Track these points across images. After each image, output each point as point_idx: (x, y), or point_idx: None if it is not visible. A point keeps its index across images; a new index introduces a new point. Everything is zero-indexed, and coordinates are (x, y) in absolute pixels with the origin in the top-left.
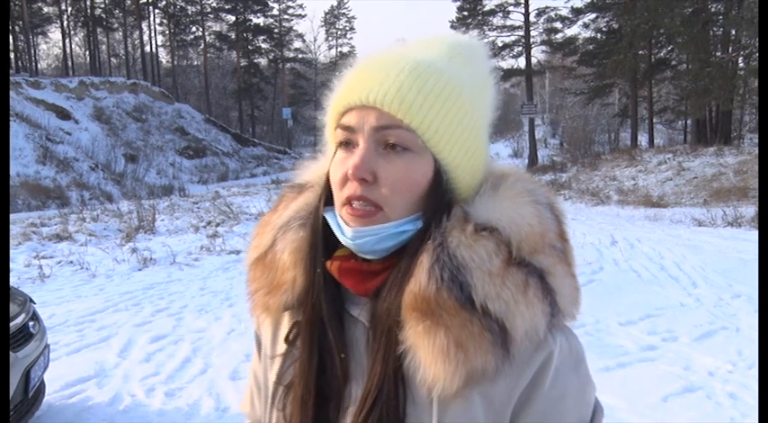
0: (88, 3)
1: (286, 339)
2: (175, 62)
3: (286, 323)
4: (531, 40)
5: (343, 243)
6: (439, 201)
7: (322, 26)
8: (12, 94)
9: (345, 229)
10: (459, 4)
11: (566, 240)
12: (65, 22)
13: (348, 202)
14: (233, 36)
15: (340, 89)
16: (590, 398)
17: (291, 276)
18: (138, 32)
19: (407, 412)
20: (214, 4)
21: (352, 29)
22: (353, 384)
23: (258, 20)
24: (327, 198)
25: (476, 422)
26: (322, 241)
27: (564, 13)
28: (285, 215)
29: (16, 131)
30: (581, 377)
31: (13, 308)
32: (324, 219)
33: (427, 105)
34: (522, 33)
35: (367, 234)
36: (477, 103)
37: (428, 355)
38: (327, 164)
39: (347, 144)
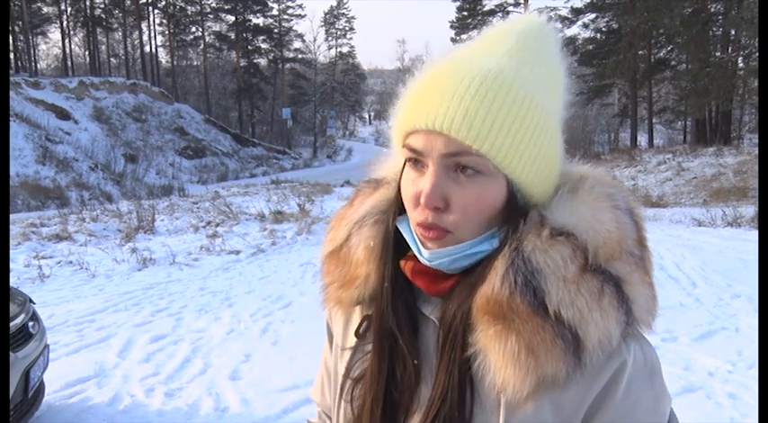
0: (88, 3)
1: (356, 333)
2: (175, 62)
3: (357, 317)
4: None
5: (420, 259)
6: (513, 216)
7: (322, 26)
8: (11, 94)
9: (422, 250)
10: (458, 4)
11: (645, 247)
12: (64, 23)
13: (420, 225)
14: (233, 36)
15: (404, 106)
16: (664, 410)
17: (365, 272)
18: (137, 32)
19: (474, 414)
20: (214, 5)
21: (351, 29)
22: (423, 386)
23: (258, 20)
24: (401, 204)
25: None
26: (394, 242)
27: (564, 13)
28: (361, 211)
29: (16, 131)
30: (655, 388)
31: (12, 308)
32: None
33: (496, 128)
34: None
35: (442, 256)
36: (550, 105)
37: (498, 359)
38: (400, 163)
39: (416, 162)
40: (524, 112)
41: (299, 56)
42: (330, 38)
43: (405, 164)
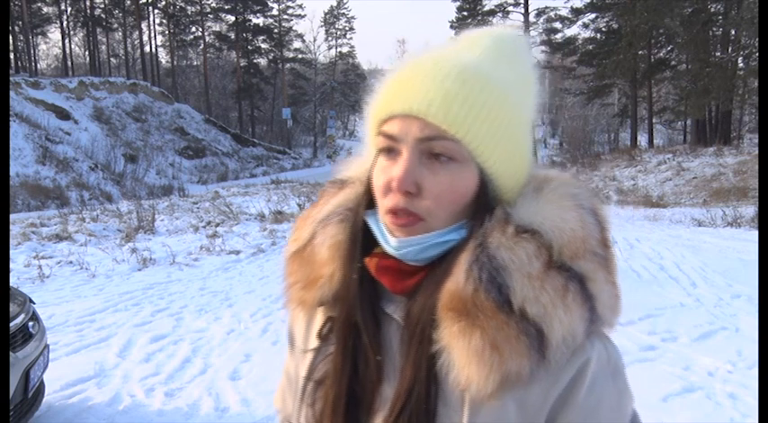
0: (88, 3)
1: (319, 334)
2: (175, 62)
3: (320, 318)
4: (531, 40)
5: (387, 250)
6: (483, 208)
7: (322, 26)
8: (11, 94)
9: (389, 239)
10: (458, 4)
11: (608, 247)
12: (64, 23)
13: (391, 211)
14: (233, 36)
15: (382, 94)
16: (627, 409)
17: (329, 271)
18: (137, 33)
19: (438, 413)
20: (214, 4)
21: (351, 29)
22: (386, 385)
23: (258, 20)
24: (369, 199)
25: None
26: (361, 239)
27: (564, 13)
28: (325, 210)
29: (16, 131)
30: (618, 386)
31: (12, 308)
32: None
33: (473, 115)
34: (521, 33)
35: (410, 244)
36: (523, 104)
37: (462, 356)
38: (369, 162)
39: (389, 151)
40: (500, 105)
41: (299, 56)
42: (330, 38)
43: (376, 156)
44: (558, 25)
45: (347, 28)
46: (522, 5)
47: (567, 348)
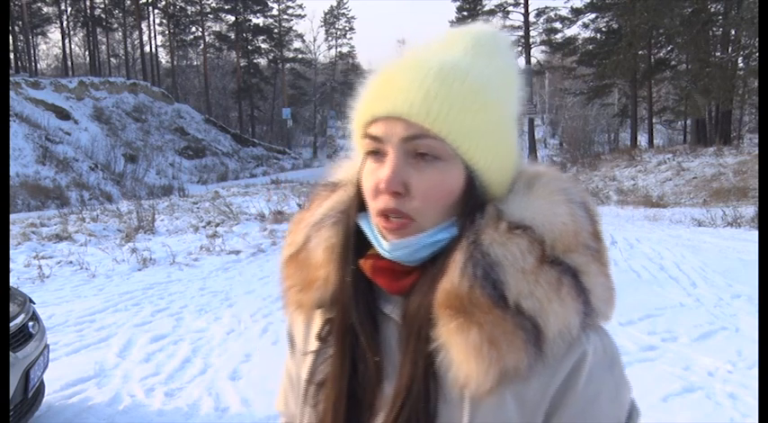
0: (88, 3)
1: (318, 336)
2: (175, 62)
3: (318, 320)
4: (531, 40)
5: (380, 253)
6: (472, 205)
7: (322, 26)
8: (11, 94)
9: (382, 242)
10: (458, 4)
11: (600, 240)
12: (64, 23)
13: (382, 214)
14: (233, 36)
15: (365, 97)
16: (625, 399)
17: (325, 273)
18: (137, 33)
19: (439, 411)
20: (214, 4)
21: (351, 29)
22: (386, 384)
23: (258, 20)
24: (361, 201)
25: (508, 422)
26: (354, 240)
27: (564, 13)
28: (318, 213)
29: (16, 131)
30: (616, 378)
31: (12, 308)
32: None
33: (454, 112)
34: (521, 33)
35: (403, 246)
36: (504, 99)
37: (460, 353)
38: (359, 164)
39: (376, 153)
40: (481, 101)
41: (299, 56)
42: (330, 38)
43: (364, 159)
44: (557, 25)
45: (347, 28)
46: (522, 5)
47: (564, 342)
